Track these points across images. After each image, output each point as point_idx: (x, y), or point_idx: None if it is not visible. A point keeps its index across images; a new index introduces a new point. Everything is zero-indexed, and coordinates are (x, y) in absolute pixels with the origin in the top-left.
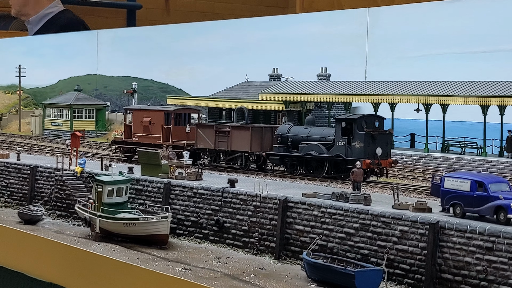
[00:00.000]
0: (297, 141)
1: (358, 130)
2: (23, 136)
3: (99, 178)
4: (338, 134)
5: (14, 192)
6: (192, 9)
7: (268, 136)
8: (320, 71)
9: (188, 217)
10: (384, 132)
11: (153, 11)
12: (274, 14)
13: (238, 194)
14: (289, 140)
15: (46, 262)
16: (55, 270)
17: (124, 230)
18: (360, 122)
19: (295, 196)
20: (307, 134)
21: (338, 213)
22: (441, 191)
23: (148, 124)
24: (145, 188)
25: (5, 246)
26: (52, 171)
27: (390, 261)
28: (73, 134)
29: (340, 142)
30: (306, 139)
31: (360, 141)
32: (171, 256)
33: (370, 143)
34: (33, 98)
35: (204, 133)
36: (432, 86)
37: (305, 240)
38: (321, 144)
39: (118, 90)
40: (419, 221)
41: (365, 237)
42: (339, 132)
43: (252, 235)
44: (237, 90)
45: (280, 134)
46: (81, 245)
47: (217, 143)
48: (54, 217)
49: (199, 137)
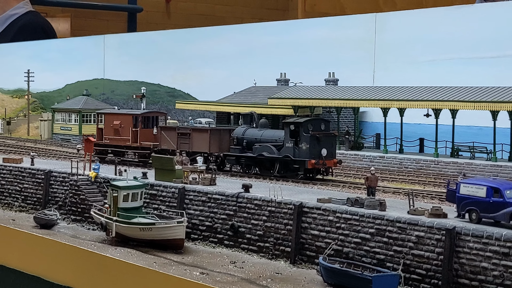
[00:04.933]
0: (251, 143)
1: (304, 132)
2: (32, 141)
3: (114, 183)
4: (286, 136)
5: (28, 197)
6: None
7: (226, 138)
8: (328, 76)
9: (203, 221)
10: (329, 135)
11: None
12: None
13: (252, 199)
14: (244, 141)
15: (64, 266)
16: (73, 274)
17: (140, 234)
18: (306, 125)
19: (310, 202)
20: (260, 136)
21: (354, 219)
22: (456, 197)
23: (118, 127)
24: (159, 193)
25: (22, 250)
26: (67, 176)
27: (406, 266)
28: (87, 139)
29: (288, 144)
30: (259, 141)
31: (306, 142)
32: (188, 260)
33: (315, 144)
34: (41, 102)
35: (168, 135)
36: (442, 91)
37: (320, 245)
38: (273, 146)
39: (125, 94)
40: (435, 227)
41: (381, 242)
42: (287, 135)
43: (267, 240)
44: (245, 94)
45: (236, 136)
46: (98, 249)
47: (179, 144)
48: (69, 222)
49: (163, 139)
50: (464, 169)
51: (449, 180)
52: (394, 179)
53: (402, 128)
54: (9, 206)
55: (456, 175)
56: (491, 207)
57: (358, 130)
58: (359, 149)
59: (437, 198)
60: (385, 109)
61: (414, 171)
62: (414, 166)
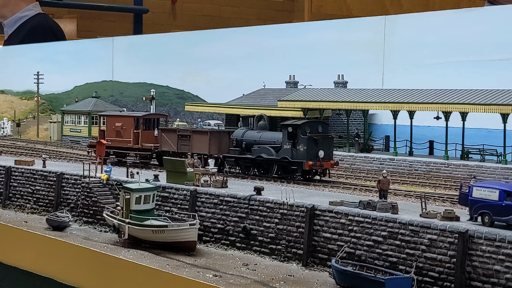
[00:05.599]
0: (250, 145)
1: (302, 134)
2: (42, 142)
3: (126, 186)
4: (284, 138)
5: (40, 199)
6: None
7: (225, 140)
8: (337, 78)
9: (215, 224)
10: (327, 137)
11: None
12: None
13: (264, 201)
14: (243, 143)
15: (77, 268)
16: (86, 276)
17: (152, 237)
18: (303, 128)
19: (322, 204)
20: (259, 138)
21: (366, 221)
22: (469, 200)
23: (120, 129)
24: (171, 195)
25: (35, 252)
26: (78, 178)
27: (419, 269)
28: (99, 141)
29: (286, 146)
30: (258, 143)
31: (304, 144)
32: (200, 262)
33: (313, 146)
34: (49, 104)
35: (168, 137)
36: (452, 94)
37: (333, 248)
38: (271, 147)
39: (133, 96)
40: (448, 230)
41: (393, 245)
42: (285, 137)
43: (279, 242)
44: (254, 97)
45: (236, 138)
46: (111, 251)
47: (180, 146)
48: (81, 224)
49: (163, 141)
50: (474, 172)
51: (461, 184)
52: (405, 181)
53: (412, 130)
54: (21, 208)
55: (467, 177)
56: (504, 211)
57: (367, 133)
58: (369, 152)
59: (448, 201)
60: (395, 111)
61: (424, 174)
62: (424, 168)
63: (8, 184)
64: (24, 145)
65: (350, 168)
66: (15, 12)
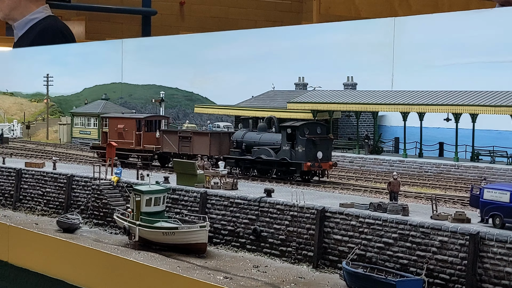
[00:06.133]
0: (250, 146)
1: (301, 136)
2: (52, 145)
3: (137, 188)
4: (283, 139)
5: (51, 201)
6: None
7: (226, 141)
8: (347, 80)
9: (225, 226)
10: (325, 138)
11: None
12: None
13: (275, 204)
14: (243, 145)
15: (88, 270)
16: (96, 278)
17: (163, 239)
18: (302, 129)
19: (333, 206)
20: (259, 140)
21: (377, 223)
22: (480, 202)
23: (122, 131)
24: (181, 197)
25: (46, 254)
26: (89, 180)
27: (430, 271)
28: (109, 144)
29: (285, 147)
30: (258, 144)
31: (302, 145)
32: (211, 264)
33: (311, 147)
34: (59, 106)
35: (169, 138)
36: (462, 96)
37: (343, 250)
38: (270, 149)
39: (143, 98)
40: (459, 232)
41: (404, 247)
42: (284, 138)
43: (290, 244)
44: (264, 99)
45: (236, 140)
46: (121, 253)
47: (181, 147)
48: (91, 226)
49: (164, 142)
50: (485, 174)
51: (472, 186)
52: (415, 183)
53: (422, 132)
54: (32, 210)
55: (477, 179)
56: None
57: (377, 134)
58: (379, 153)
59: (459, 202)
60: (405, 113)
61: (434, 175)
62: (434, 170)
63: (18, 186)
64: (34, 147)
65: (360, 170)
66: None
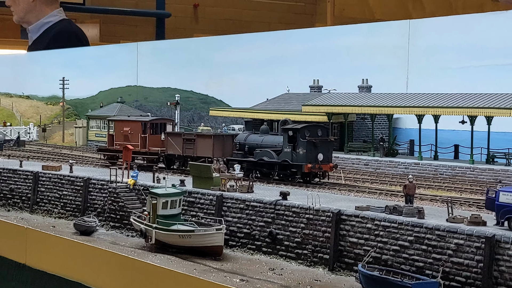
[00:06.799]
0: (253, 148)
1: (301, 138)
2: (68, 148)
3: (153, 191)
4: (285, 142)
5: (68, 204)
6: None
7: (229, 143)
8: (361, 83)
9: (241, 228)
10: (326, 140)
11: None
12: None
13: (290, 206)
14: (246, 147)
15: (105, 273)
16: (114, 280)
17: (179, 241)
18: (303, 131)
19: (348, 209)
20: (261, 142)
21: (392, 226)
22: (496, 205)
23: (128, 133)
24: (197, 200)
25: (63, 256)
26: (105, 183)
27: (445, 273)
28: (125, 147)
29: (287, 149)
30: (260, 146)
31: (303, 148)
32: (227, 267)
33: (312, 149)
34: (74, 109)
35: (174, 140)
36: (477, 98)
37: (359, 252)
38: (272, 151)
39: (158, 101)
40: (474, 235)
41: (419, 250)
42: (286, 140)
43: (305, 247)
44: (278, 101)
45: (239, 142)
46: (138, 256)
47: (185, 149)
48: (108, 228)
49: (169, 144)
50: (500, 176)
51: (488, 189)
52: (430, 186)
53: (437, 134)
54: (49, 213)
55: (492, 181)
56: None
57: (392, 137)
58: (394, 156)
59: (475, 205)
60: (420, 115)
61: (449, 178)
62: (450, 172)
63: (36, 189)
64: (50, 150)
65: (375, 172)
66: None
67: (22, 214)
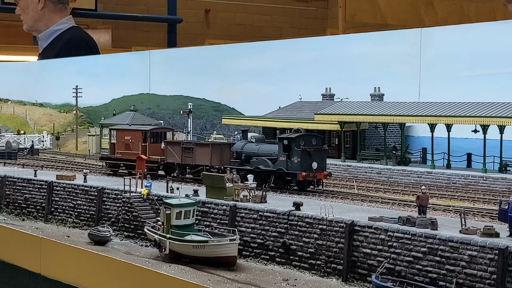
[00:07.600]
0: (249, 157)
1: (296, 147)
2: (81, 156)
3: (167, 201)
4: (280, 150)
5: (82, 213)
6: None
7: (226, 152)
8: (374, 91)
9: (254, 239)
10: (320, 149)
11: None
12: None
13: (304, 217)
14: (243, 155)
15: (119, 282)
16: None
17: (193, 252)
18: (298, 140)
19: (362, 220)
20: (257, 150)
21: (406, 237)
22: (509, 216)
23: (128, 142)
24: (211, 210)
25: (78, 266)
26: (119, 193)
27: (459, 285)
28: (139, 157)
29: (282, 158)
30: (256, 155)
31: (298, 156)
32: (241, 277)
33: (306, 158)
34: (87, 117)
35: (173, 149)
36: (489, 107)
37: (372, 263)
38: (268, 159)
39: (170, 109)
40: (488, 246)
41: (433, 261)
42: (281, 149)
43: (319, 258)
44: (291, 109)
45: (236, 151)
46: (152, 266)
47: (184, 158)
48: (122, 238)
49: (168, 153)
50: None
51: (501, 200)
52: (443, 195)
53: (450, 143)
54: (63, 223)
55: (505, 191)
56: None
57: (404, 145)
58: (406, 164)
59: (487, 216)
60: (432, 124)
61: (462, 187)
62: (463, 181)
63: (50, 198)
64: (64, 158)
65: (387, 181)
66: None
67: (36, 224)
